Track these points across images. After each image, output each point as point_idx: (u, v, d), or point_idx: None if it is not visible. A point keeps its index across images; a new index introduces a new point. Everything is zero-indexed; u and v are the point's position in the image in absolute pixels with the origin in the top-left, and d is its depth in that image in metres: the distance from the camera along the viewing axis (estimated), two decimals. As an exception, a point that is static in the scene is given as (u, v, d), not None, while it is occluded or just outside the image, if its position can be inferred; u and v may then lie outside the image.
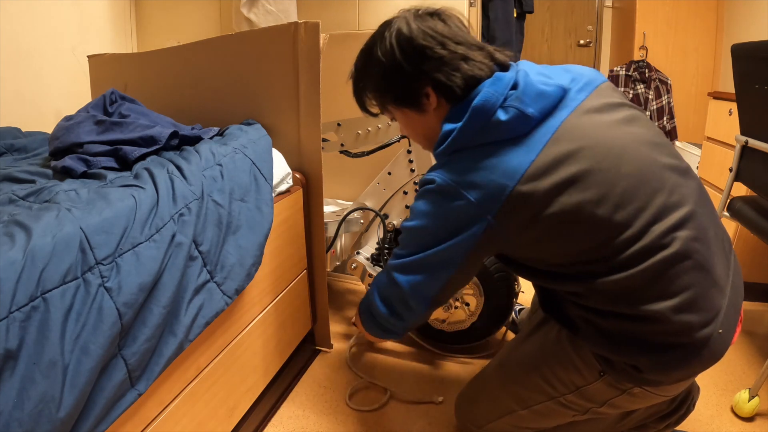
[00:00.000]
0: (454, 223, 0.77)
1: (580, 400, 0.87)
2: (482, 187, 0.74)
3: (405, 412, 1.24)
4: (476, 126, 0.76)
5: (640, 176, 0.74)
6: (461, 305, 1.37)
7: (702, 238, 0.75)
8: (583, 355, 0.84)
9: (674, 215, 0.74)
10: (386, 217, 1.47)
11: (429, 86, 0.82)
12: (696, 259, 0.74)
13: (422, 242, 0.82)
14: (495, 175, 0.73)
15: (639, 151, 0.76)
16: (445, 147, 0.80)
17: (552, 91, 0.77)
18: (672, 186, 0.76)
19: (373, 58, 0.86)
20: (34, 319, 0.57)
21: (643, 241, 0.72)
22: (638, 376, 0.79)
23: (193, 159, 0.96)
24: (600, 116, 0.78)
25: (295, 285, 1.30)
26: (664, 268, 0.72)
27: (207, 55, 1.36)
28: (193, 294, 0.83)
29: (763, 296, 1.75)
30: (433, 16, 0.84)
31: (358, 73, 0.94)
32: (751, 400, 1.18)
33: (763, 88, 1.24)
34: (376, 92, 0.91)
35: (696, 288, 0.74)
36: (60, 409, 0.58)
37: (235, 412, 1.06)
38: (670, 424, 1.01)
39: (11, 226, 0.64)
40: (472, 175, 0.75)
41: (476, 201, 0.74)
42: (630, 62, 2.84)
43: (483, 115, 0.76)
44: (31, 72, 1.75)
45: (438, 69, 0.80)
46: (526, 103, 0.75)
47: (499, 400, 0.98)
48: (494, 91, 0.76)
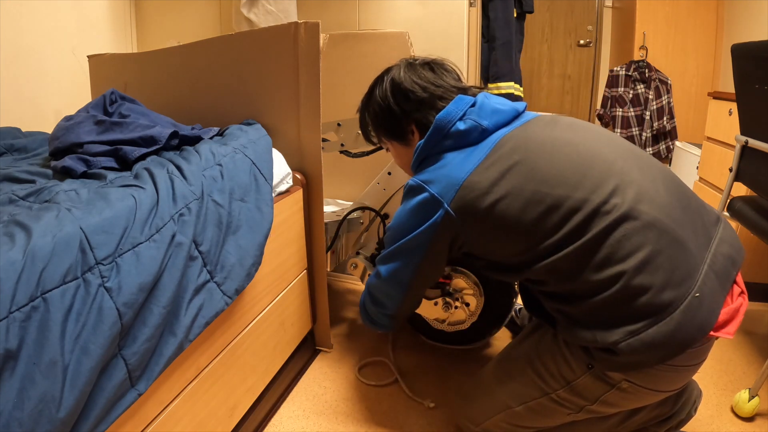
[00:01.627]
0: (420, 214, 0.89)
1: (572, 396, 0.88)
2: (440, 180, 0.87)
3: (405, 412, 1.24)
4: (438, 136, 0.92)
5: (573, 160, 0.82)
6: (461, 305, 1.37)
7: (649, 200, 0.78)
8: (572, 349, 0.86)
9: (610, 184, 0.79)
10: (386, 217, 1.47)
11: (412, 124, 1.01)
12: (644, 219, 0.76)
13: (397, 236, 0.94)
14: (450, 170, 0.87)
15: (571, 141, 0.86)
16: (415, 158, 0.97)
17: (506, 110, 0.93)
18: (608, 162, 0.82)
19: (373, 98, 1.06)
20: (34, 319, 0.57)
21: (583, 212, 0.77)
22: (615, 360, 0.77)
23: (193, 159, 0.96)
24: (542, 126, 0.91)
25: (295, 285, 1.30)
26: (609, 232, 0.76)
27: (207, 55, 1.36)
28: (193, 294, 0.83)
29: (763, 296, 1.74)
30: (424, 65, 1.03)
31: (363, 109, 1.12)
32: (751, 400, 1.18)
33: (763, 88, 1.24)
34: (374, 126, 1.10)
35: (650, 247, 0.74)
36: (60, 409, 0.58)
37: (235, 412, 1.06)
38: (671, 428, 1.01)
39: (11, 226, 0.64)
40: (433, 173, 0.89)
41: (436, 192, 0.86)
42: (630, 62, 2.84)
43: (444, 127, 0.91)
44: (31, 72, 1.75)
45: (418, 109, 0.99)
46: (482, 117, 0.90)
47: (495, 397, 0.99)
48: (455, 107, 0.93)
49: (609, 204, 0.77)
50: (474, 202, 0.83)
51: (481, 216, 0.84)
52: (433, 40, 1.71)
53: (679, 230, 0.77)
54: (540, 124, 0.91)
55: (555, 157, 0.83)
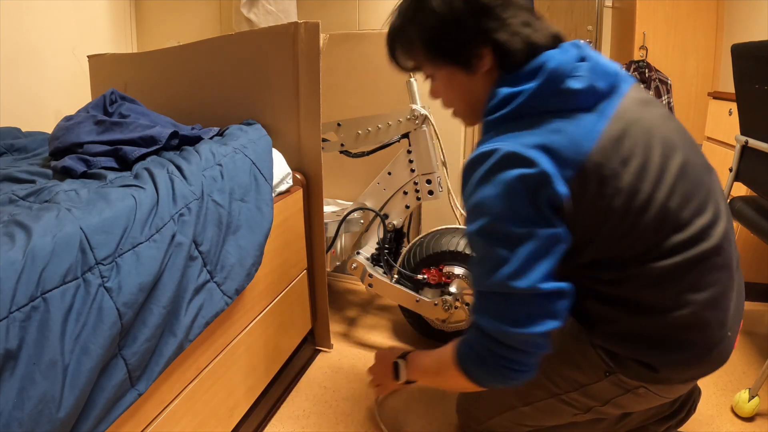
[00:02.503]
0: (522, 193, 0.69)
1: (583, 398, 0.87)
2: (556, 153, 0.69)
3: (405, 412, 1.24)
4: (550, 89, 0.72)
5: (686, 171, 0.75)
6: (461, 305, 1.37)
7: (729, 236, 0.77)
8: (586, 353, 0.84)
9: (710, 210, 0.75)
10: (386, 217, 1.47)
11: (487, 46, 0.76)
12: (724, 256, 0.75)
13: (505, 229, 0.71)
14: (569, 140, 0.69)
15: (683, 146, 0.77)
16: (509, 111, 0.74)
17: (613, 72, 0.76)
18: (708, 184, 0.78)
19: (426, 7, 0.79)
20: (34, 319, 0.57)
21: (688, 231, 0.73)
22: (649, 374, 0.79)
23: (193, 159, 0.96)
24: (647, 108, 0.78)
25: (295, 285, 1.30)
26: (700, 261, 0.74)
27: (207, 55, 1.36)
28: (193, 294, 0.83)
29: (763, 296, 1.75)
30: None
31: (402, 20, 0.84)
32: (751, 400, 1.18)
33: (763, 88, 1.24)
34: (422, 44, 0.82)
35: (720, 286, 0.75)
36: (60, 409, 0.58)
37: (235, 412, 1.06)
38: (670, 426, 1.01)
39: (11, 226, 0.64)
40: (543, 140, 0.69)
41: (547, 168, 0.68)
42: (630, 62, 2.84)
43: (558, 80, 0.72)
44: (32, 72, 1.75)
45: (500, 29, 0.75)
46: (597, 77, 0.73)
47: (501, 396, 0.98)
48: (566, 59, 0.73)
49: (708, 232, 0.74)
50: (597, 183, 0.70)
51: (600, 204, 0.71)
52: (433, 40, 1.71)
53: (736, 275, 0.80)
54: (644, 107, 0.78)
55: (669, 167, 0.74)
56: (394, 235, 1.52)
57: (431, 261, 1.40)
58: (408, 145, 1.41)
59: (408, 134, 1.40)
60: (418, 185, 1.42)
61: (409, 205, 1.45)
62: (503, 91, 0.75)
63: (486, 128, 0.78)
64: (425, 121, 1.38)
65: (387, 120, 1.40)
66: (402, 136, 1.42)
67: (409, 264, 1.43)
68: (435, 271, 1.39)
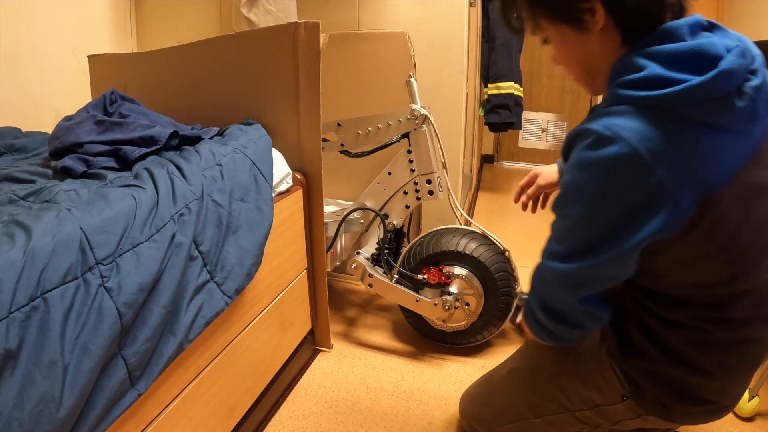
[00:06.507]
0: (627, 206, 0.62)
1: (595, 416, 0.87)
2: (685, 171, 0.59)
3: (405, 412, 1.24)
4: (713, 91, 0.59)
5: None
6: (461, 305, 1.37)
7: None
8: (607, 376, 0.82)
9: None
10: (386, 217, 1.47)
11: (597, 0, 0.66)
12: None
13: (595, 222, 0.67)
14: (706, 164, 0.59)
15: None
16: (655, 96, 0.61)
17: None
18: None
19: None
20: (34, 319, 0.57)
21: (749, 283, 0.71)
22: (664, 413, 0.79)
23: (193, 159, 0.96)
24: None
25: (295, 285, 1.30)
26: (754, 342, 0.75)
27: (207, 55, 1.36)
28: (193, 294, 0.83)
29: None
30: None
31: None
32: (751, 400, 1.18)
33: (763, 88, 1.23)
34: (529, 1, 0.73)
35: (756, 362, 0.78)
36: (60, 409, 0.58)
37: (235, 412, 1.06)
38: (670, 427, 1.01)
39: (11, 226, 0.64)
40: (675, 151, 0.59)
41: (669, 185, 0.59)
42: (630, 62, 2.84)
43: (726, 86, 0.59)
44: (31, 72, 1.75)
45: None
46: (760, 101, 0.61)
47: (513, 406, 0.96)
48: (740, 63, 0.60)
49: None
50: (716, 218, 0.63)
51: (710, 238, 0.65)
52: (433, 40, 1.71)
53: None
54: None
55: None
56: (394, 235, 1.52)
57: (431, 261, 1.40)
58: (408, 145, 1.41)
59: (408, 134, 1.40)
60: (418, 185, 1.42)
61: (409, 205, 1.45)
62: (653, 69, 0.62)
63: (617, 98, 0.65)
64: (425, 121, 1.38)
65: (387, 120, 1.40)
66: (402, 136, 1.42)
67: (409, 264, 1.43)
68: (435, 271, 1.39)
